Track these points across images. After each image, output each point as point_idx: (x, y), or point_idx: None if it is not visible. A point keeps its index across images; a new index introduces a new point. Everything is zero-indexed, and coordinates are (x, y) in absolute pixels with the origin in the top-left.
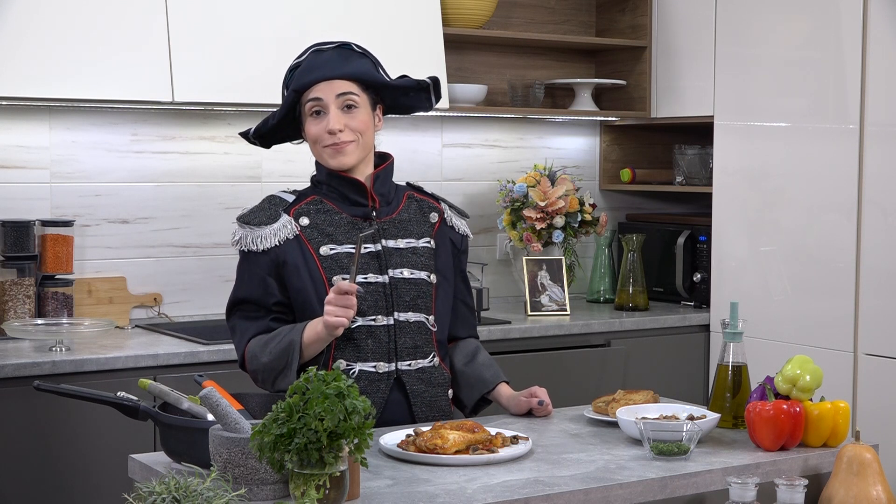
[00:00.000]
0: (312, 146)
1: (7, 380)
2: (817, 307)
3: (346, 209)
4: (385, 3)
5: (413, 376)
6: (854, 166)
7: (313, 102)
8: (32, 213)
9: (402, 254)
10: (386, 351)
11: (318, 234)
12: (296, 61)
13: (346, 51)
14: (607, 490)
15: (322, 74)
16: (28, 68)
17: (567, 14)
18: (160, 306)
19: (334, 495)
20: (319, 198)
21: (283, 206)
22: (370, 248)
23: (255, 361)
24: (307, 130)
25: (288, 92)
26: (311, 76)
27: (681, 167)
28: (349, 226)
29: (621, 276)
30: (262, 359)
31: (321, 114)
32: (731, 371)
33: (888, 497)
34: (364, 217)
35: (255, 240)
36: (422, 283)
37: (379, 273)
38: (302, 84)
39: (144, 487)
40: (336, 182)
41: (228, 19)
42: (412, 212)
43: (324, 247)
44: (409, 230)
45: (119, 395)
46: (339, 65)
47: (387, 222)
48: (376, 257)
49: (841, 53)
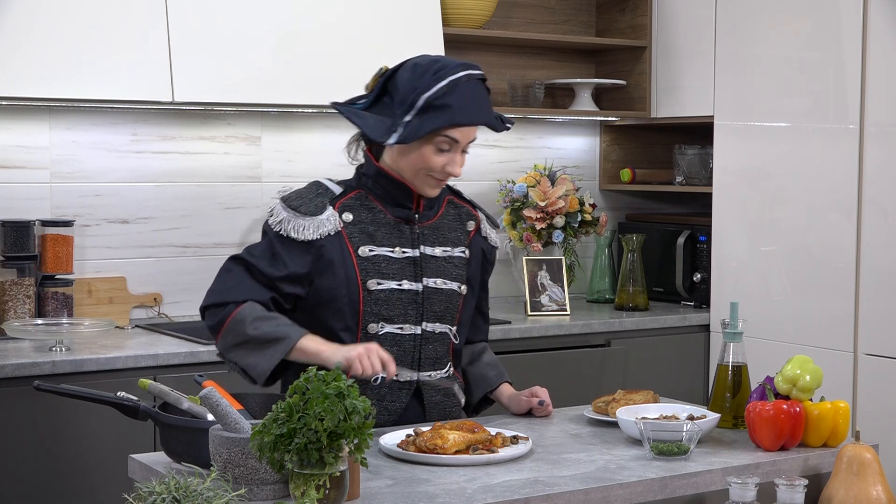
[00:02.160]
0: (414, 170)
1: (7, 380)
2: (817, 307)
3: (389, 209)
4: (385, 3)
5: (432, 388)
6: (854, 166)
7: (448, 141)
8: (32, 213)
9: (438, 262)
10: (410, 360)
11: (360, 233)
12: (446, 82)
13: (484, 88)
14: (607, 490)
15: (474, 120)
16: (28, 68)
17: (567, 14)
18: (160, 306)
19: (334, 495)
20: (364, 193)
21: (330, 196)
22: (409, 253)
23: (239, 325)
24: (426, 159)
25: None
26: (466, 119)
27: (681, 167)
28: (391, 227)
29: (621, 276)
30: (247, 329)
31: (447, 150)
32: (731, 371)
33: (888, 497)
34: (406, 220)
35: (297, 228)
36: (452, 294)
37: (414, 280)
38: (455, 124)
39: (144, 487)
40: (385, 182)
41: (228, 19)
42: (450, 218)
43: (363, 247)
44: (447, 237)
45: (119, 395)
46: (484, 110)
47: (427, 228)
48: (413, 263)
49: (841, 53)
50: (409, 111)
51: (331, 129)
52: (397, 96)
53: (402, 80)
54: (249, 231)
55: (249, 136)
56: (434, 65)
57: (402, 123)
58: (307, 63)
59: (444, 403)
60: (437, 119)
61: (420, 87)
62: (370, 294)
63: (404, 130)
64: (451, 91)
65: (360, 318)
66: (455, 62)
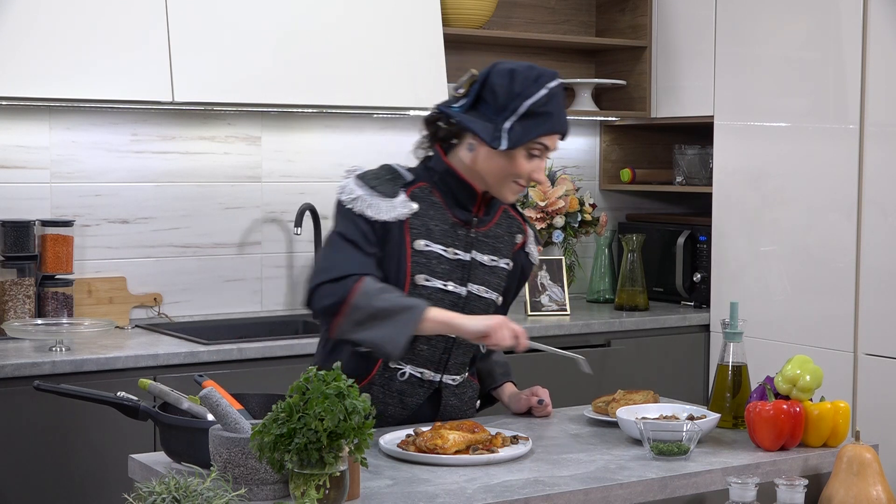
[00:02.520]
0: (502, 175)
1: (7, 380)
2: (817, 307)
3: (450, 208)
4: (385, 2)
5: (451, 391)
6: (854, 166)
7: (542, 148)
8: (32, 213)
9: (485, 270)
10: (437, 361)
11: (420, 226)
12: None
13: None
14: (607, 490)
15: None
16: (28, 68)
17: (567, 14)
18: (160, 306)
19: (334, 495)
20: (430, 187)
21: (402, 183)
22: (460, 256)
23: (364, 299)
24: (517, 164)
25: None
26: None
27: (681, 167)
28: (448, 227)
29: (621, 276)
30: (374, 301)
31: (537, 157)
32: (731, 371)
33: (888, 497)
34: (464, 222)
35: (373, 207)
36: (491, 304)
37: (460, 284)
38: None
39: (144, 487)
40: (451, 181)
41: (228, 19)
42: (503, 228)
43: (420, 240)
44: (497, 247)
45: (119, 395)
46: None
47: (481, 234)
48: (462, 267)
49: (841, 53)
50: (509, 117)
51: (331, 129)
52: (495, 101)
53: (500, 86)
54: (249, 231)
55: (249, 136)
56: (531, 71)
57: (505, 129)
58: (307, 63)
59: (459, 407)
60: (539, 126)
61: (522, 93)
62: (415, 289)
63: (510, 136)
64: (550, 99)
65: None
66: (546, 69)
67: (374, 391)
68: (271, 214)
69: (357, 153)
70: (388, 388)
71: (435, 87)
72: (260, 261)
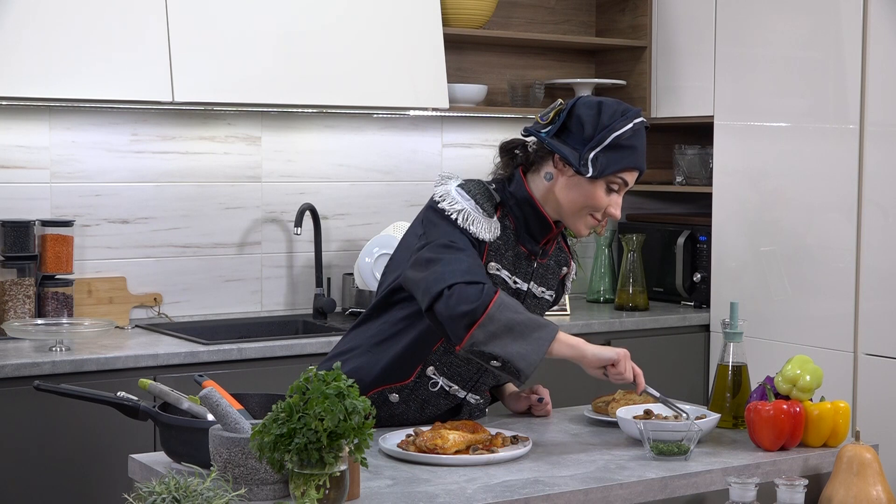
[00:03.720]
0: (579, 206)
1: (7, 380)
2: (817, 307)
3: (521, 237)
4: (385, 3)
5: (469, 409)
6: (854, 166)
7: (621, 183)
8: (32, 213)
9: (535, 301)
10: (469, 380)
11: (495, 251)
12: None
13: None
14: (607, 490)
15: (644, 166)
16: (28, 68)
17: (567, 14)
18: (160, 306)
19: (334, 495)
20: (506, 211)
21: (494, 203)
22: (519, 285)
23: (503, 311)
24: (596, 196)
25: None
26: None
27: (681, 167)
28: (515, 255)
29: (621, 276)
30: (511, 314)
31: (615, 191)
32: (731, 371)
33: (888, 497)
34: (531, 253)
35: (477, 224)
36: None
37: None
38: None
39: (144, 487)
40: (529, 211)
41: (228, 19)
42: (554, 259)
43: (493, 262)
44: (548, 279)
45: (119, 395)
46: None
47: (542, 266)
48: (517, 294)
49: (841, 53)
50: (595, 147)
51: (331, 130)
52: (581, 132)
53: (588, 116)
54: (249, 231)
55: (249, 136)
56: (619, 105)
57: (589, 159)
58: (307, 63)
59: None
60: (624, 159)
61: (610, 125)
62: None
63: (597, 165)
64: (635, 133)
65: None
66: (631, 106)
67: (403, 394)
68: (271, 214)
69: (357, 153)
70: (417, 394)
71: (435, 87)
72: (260, 261)
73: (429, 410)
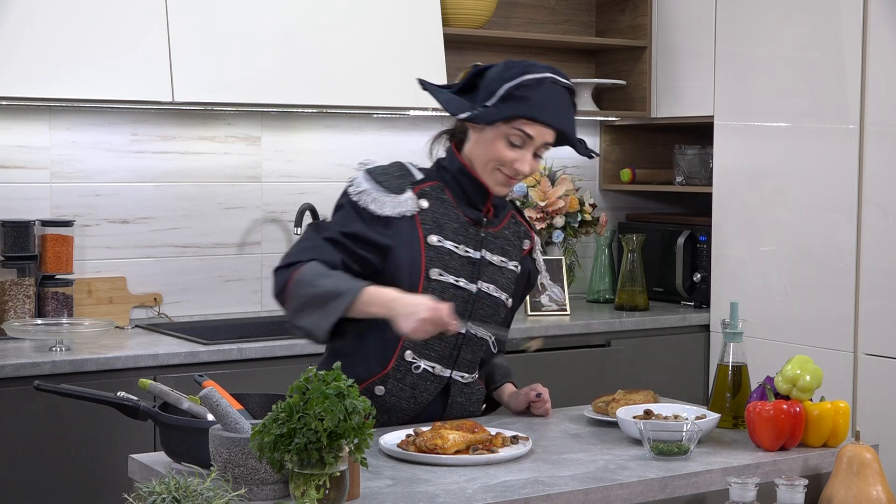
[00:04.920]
0: (484, 161)
1: (7, 380)
2: (817, 307)
3: (462, 207)
4: (385, 2)
5: (460, 388)
6: (854, 166)
7: (521, 135)
8: (32, 213)
9: (494, 269)
10: (447, 357)
11: (432, 223)
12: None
13: (570, 99)
14: (607, 490)
15: (550, 120)
16: (28, 68)
17: (567, 14)
18: (160, 306)
19: (334, 495)
20: (441, 186)
21: (410, 180)
22: (471, 254)
23: (299, 287)
24: (497, 150)
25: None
26: (542, 116)
27: (681, 167)
28: (459, 225)
29: (621, 276)
30: (306, 289)
31: (518, 146)
32: (731, 371)
33: (888, 497)
34: (475, 222)
35: (377, 201)
36: (500, 304)
37: (470, 281)
38: (531, 116)
39: (144, 487)
40: (464, 179)
41: (228, 19)
42: (511, 232)
43: (433, 236)
44: (506, 249)
45: (119, 395)
46: (565, 117)
47: (491, 234)
48: (472, 264)
49: (841, 53)
50: (489, 98)
51: (331, 130)
52: (484, 88)
53: (492, 73)
54: (249, 231)
55: (249, 136)
56: (525, 62)
57: (481, 106)
58: (307, 63)
59: (466, 406)
60: (513, 108)
61: (506, 78)
62: (429, 283)
63: (480, 111)
64: (534, 87)
65: None
66: (546, 66)
67: (388, 384)
68: (271, 214)
69: (357, 153)
70: (403, 382)
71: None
72: (260, 261)
73: (420, 397)
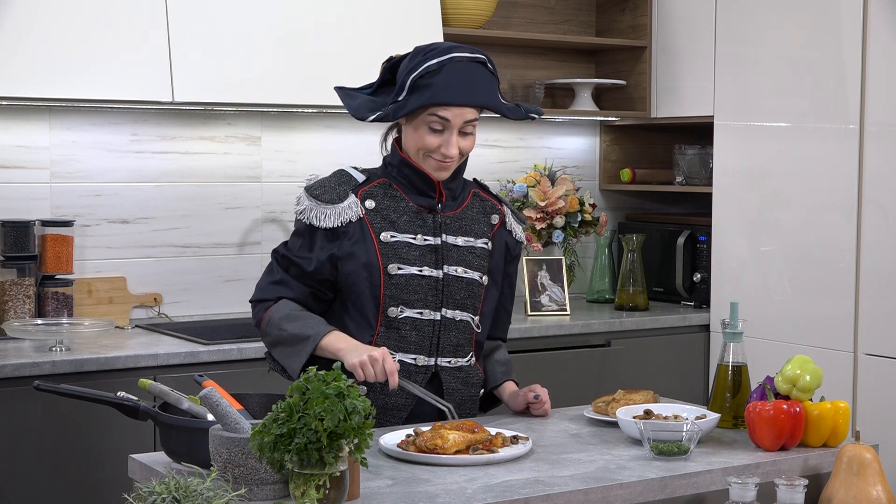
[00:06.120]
0: (415, 150)
1: (7, 380)
2: (817, 307)
3: (413, 198)
4: (385, 2)
5: (451, 373)
6: (854, 166)
7: (438, 120)
8: (32, 213)
9: (460, 251)
10: (428, 345)
11: (381, 220)
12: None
13: (481, 70)
14: (607, 490)
15: (458, 100)
16: (28, 68)
17: (567, 14)
18: (160, 306)
19: (334, 495)
20: (388, 181)
21: (352, 185)
22: (430, 241)
23: (272, 326)
24: (420, 139)
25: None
26: (448, 98)
27: (681, 167)
28: (413, 215)
29: (621, 276)
30: (275, 331)
31: (440, 131)
32: (731, 371)
33: (888, 497)
34: (429, 208)
35: (319, 216)
36: (473, 283)
37: (434, 267)
38: (437, 102)
39: (144, 487)
40: (407, 170)
41: (228, 19)
42: (475, 210)
43: (385, 233)
44: (470, 228)
45: (119, 395)
46: (476, 91)
47: (450, 217)
48: (434, 251)
49: (841, 53)
50: (400, 92)
51: (331, 130)
52: (398, 79)
53: (402, 65)
54: (249, 231)
55: (249, 136)
56: (427, 47)
57: (392, 101)
58: (307, 63)
59: (463, 391)
60: (419, 98)
61: (411, 68)
62: (390, 278)
63: (389, 109)
64: (437, 71)
65: (381, 301)
66: (449, 45)
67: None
68: (271, 214)
69: (357, 153)
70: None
71: None
72: (260, 261)
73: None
